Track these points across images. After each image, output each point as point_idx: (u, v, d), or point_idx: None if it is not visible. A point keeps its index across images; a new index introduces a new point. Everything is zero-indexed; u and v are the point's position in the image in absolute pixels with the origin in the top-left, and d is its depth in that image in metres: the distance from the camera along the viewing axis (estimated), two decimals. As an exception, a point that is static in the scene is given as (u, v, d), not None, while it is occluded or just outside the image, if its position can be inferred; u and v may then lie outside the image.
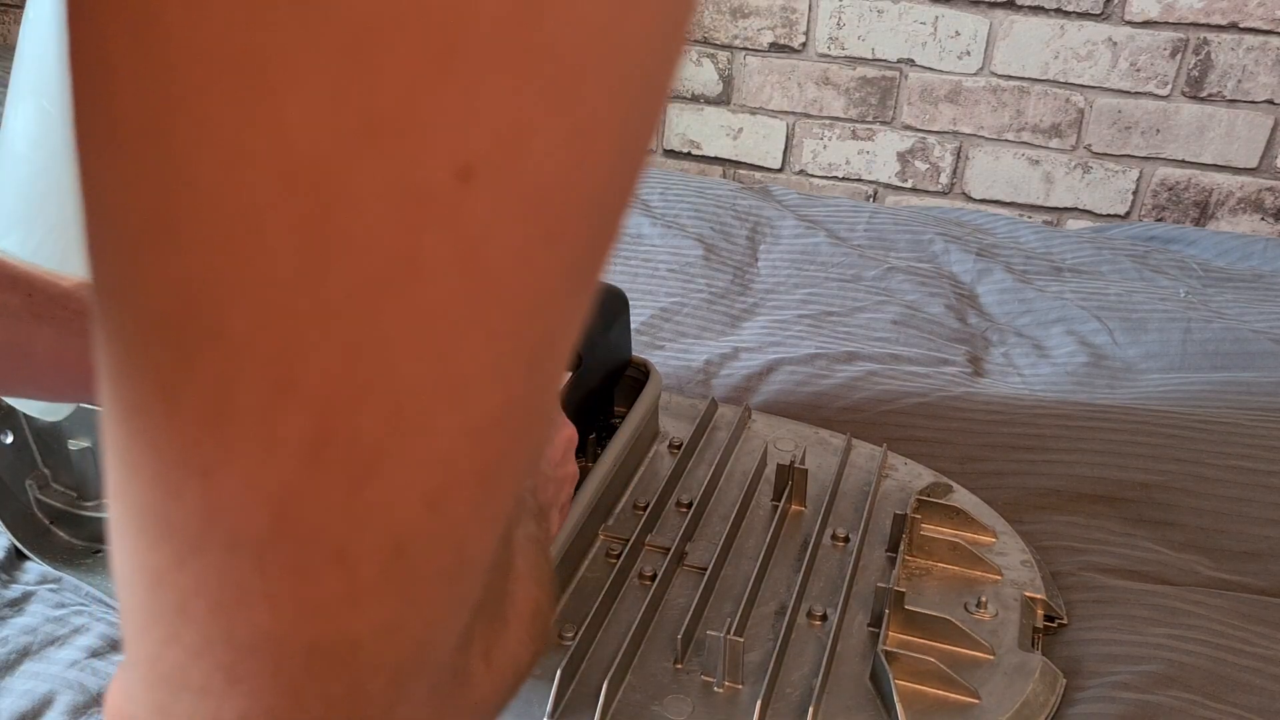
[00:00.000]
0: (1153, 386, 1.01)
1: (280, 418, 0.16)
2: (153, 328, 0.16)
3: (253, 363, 0.16)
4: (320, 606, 0.18)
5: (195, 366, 0.16)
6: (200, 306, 0.16)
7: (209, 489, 0.17)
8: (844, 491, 0.79)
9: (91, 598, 0.71)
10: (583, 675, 0.63)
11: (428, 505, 0.18)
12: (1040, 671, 0.64)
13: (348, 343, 0.16)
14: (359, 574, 0.18)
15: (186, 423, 0.17)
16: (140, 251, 0.16)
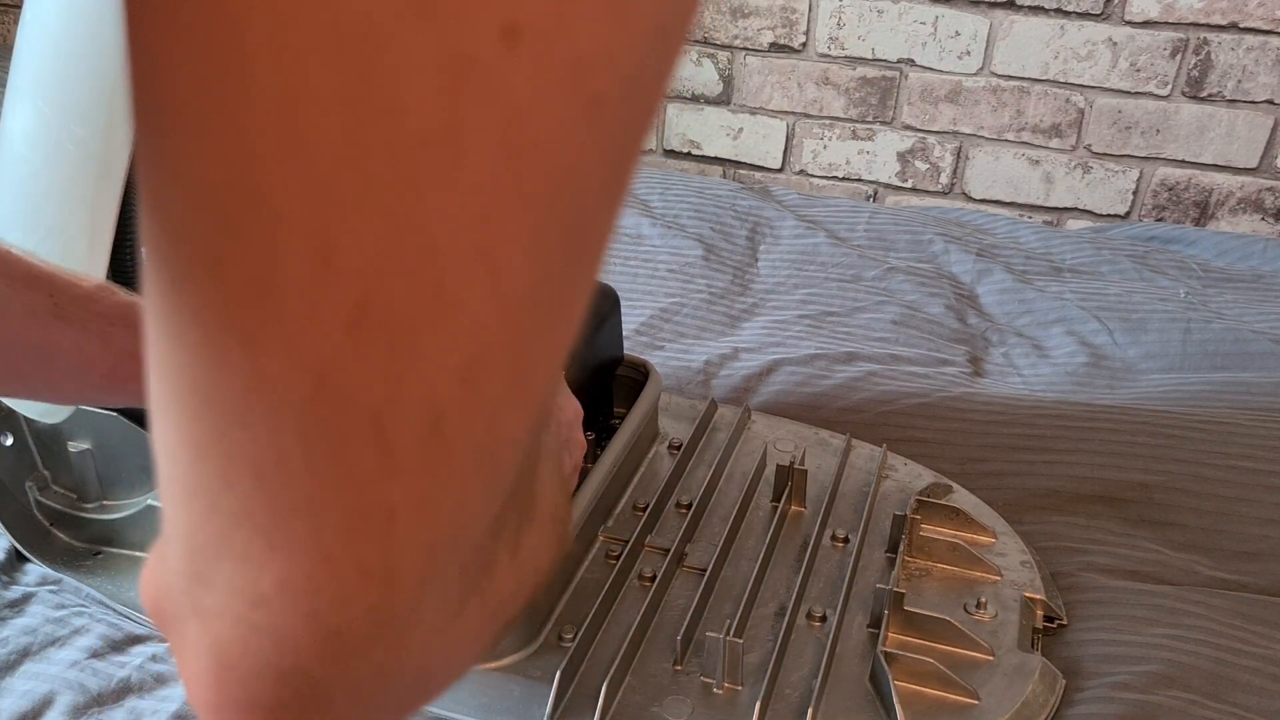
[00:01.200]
0: (1152, 387, 1.01)
1: (322, 287, 0.17)
2: (198, 195, 0.16)
3: (296, 231, 0.16)
4: (358, 475, 0.18)
5: (239, 235, 0.16)
6: (245, 173, 0.16)
7: (251, 357, 0.17)
8: (844, 492, 0.79)
9: (91, 599, 0.71)
10: (582, 676, 0.63)
11: (463, 379, 0.18)
12: (1040, 672, 0.64)
13: (388, 212, 0.16)
14: (396, 444, 0.18)
15: (230, 292, 0.17)
16: (187, 116, 0.16)
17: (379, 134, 0.15)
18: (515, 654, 0.64)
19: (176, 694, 0.63)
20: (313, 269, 0.16)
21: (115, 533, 0.74)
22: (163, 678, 0.64)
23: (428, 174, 0.16)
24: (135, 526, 0.73)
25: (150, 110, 0.16)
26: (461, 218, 0.17)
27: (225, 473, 0.19)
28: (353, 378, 0.17)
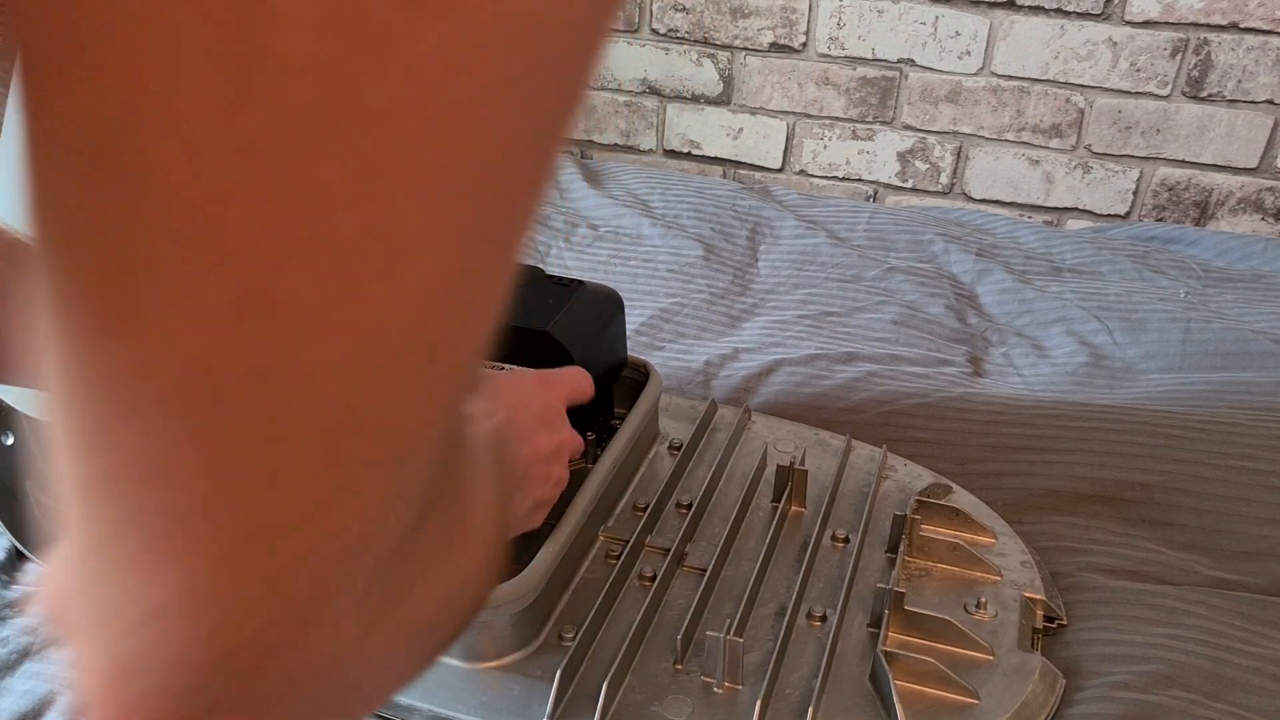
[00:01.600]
0: (1152, 386, 1.01)
1: (204, 268, 0.15)
2: (71, 161, 0.15)
3: (174, 205, 0.14)
4: (249, 480, 0.16)
5: (116, 206, 0.15)
6: (116, 140, 0.14)
7: (135, 341, 0.16)
8: (844, 492, 0.79)
9: (92, 599, 0.71)
10: (582, 676, 0.63)
11: (363, 379, 0.16)
12: (1040, 672, 0.64)
13: (275, 188, 0.14)
14: (289, 448, 0.16)
15: (110, 268, 0.15)
16: (56, 74, 0.14)
17: (260, 97, 0.14)
18: (515, 653, 0.64)
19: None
20: (193, 246, 0.15)
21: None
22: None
23: (319, 146, 0.14)
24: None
25: (23, 67, 0.15)
26: (360, 199, 0.15)
27: (113, 471, 0.17)
28: (240, 372, 0.16)
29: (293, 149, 0.14)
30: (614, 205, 1.39)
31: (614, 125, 1.68)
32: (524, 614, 0.63)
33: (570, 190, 1.45)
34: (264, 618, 0.18)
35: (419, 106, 0.14)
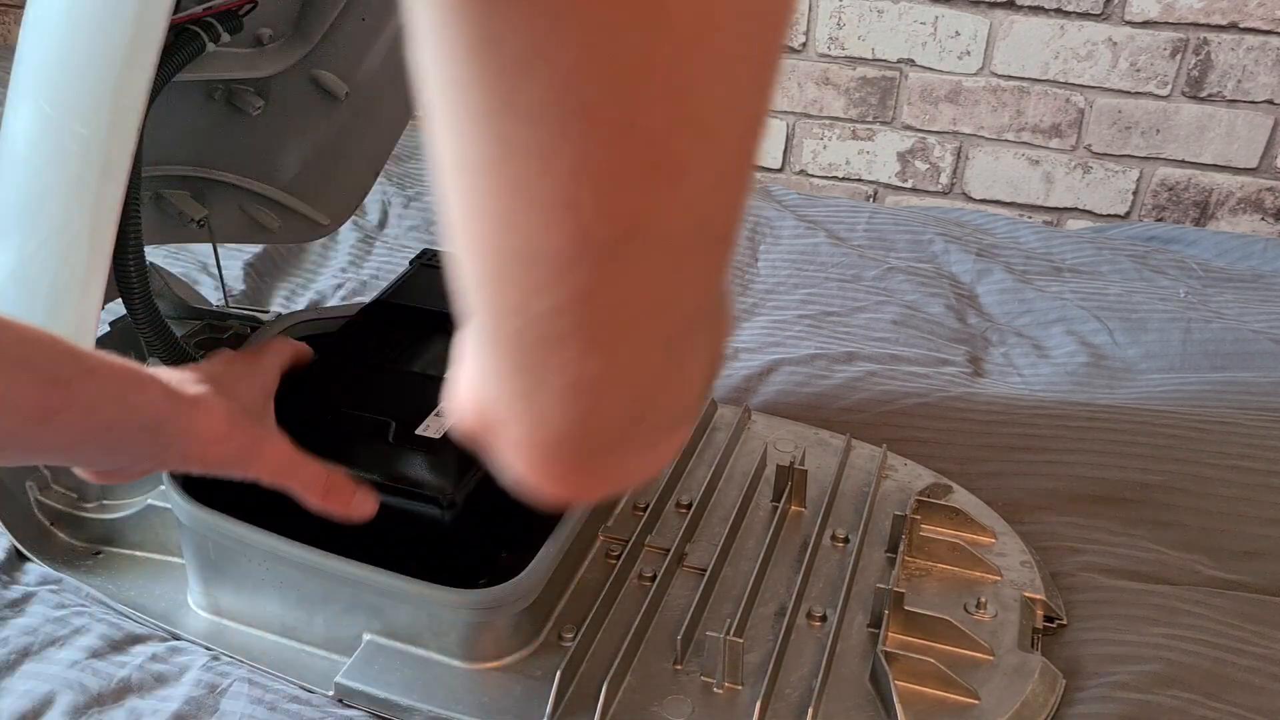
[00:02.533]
0: (1152, 386, 1.01)
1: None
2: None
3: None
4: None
5: None
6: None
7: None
8: (844, 492, 0.79)
9: (92, 599, 0.71)
10: (583, 676, 0.63)
11: (717, 181, 0.22)
12: (1040, 672, 0.64)
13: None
14: (691, 201, 0.22)
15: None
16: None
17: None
18: (515, 654, 0.64)
19: (176, 694, 0.63)
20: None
21: (115, 532, 0.74)
22: (163, 677, 0.64)
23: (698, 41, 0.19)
24: (135, 526, 0.74)
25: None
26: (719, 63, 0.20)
27: (549, 275, 0.22)
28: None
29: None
30: (614, 205, 1.39)
31: (614, 125, 1.68)
32: (524, 614, 0.63)
33: (570, 190, 1.45)
34: (656, 365, 0.24)
35: (746, 23, 0.20)
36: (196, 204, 0.83)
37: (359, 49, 0.83)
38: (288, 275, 1.20)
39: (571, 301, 0.22)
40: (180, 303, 0.85)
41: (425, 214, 1.36)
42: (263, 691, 0.63)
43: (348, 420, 0.64)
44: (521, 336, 0.23)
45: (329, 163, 0.88)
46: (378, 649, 0.64)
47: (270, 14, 0.77)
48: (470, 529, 0.63)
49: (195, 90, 0.78)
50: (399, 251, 1.27)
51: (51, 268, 0.60)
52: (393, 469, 0.62)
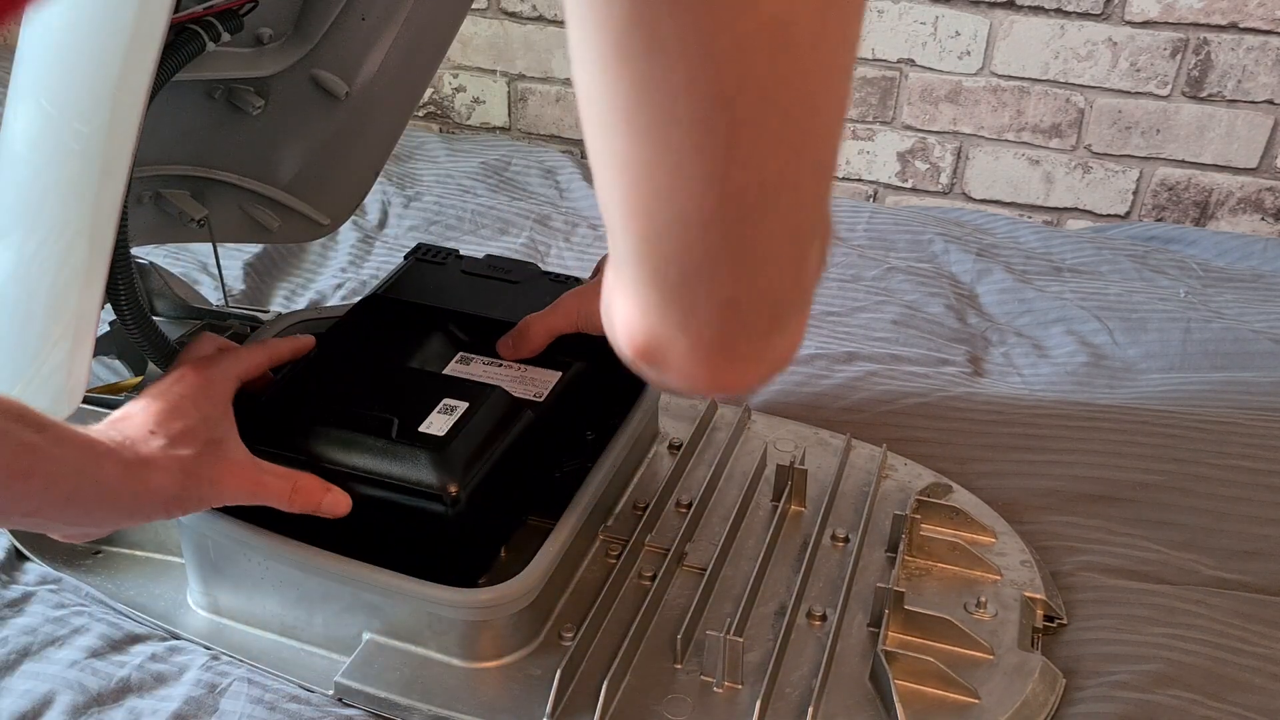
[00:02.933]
0: (1152, 386, 1.01)
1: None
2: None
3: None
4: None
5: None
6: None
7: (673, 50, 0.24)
8: (844, 492, 0.79)
9: (91, 598, 0.71)
10: (582, 675, 0.63)
11: (831, 131, 0.27)
12: (1040, 671, 0.64)
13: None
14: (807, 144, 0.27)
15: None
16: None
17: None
18: (515, 653, 0.64)
19: (176, 693, 0.63)
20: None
21: (115, 532, 0.74)
22: (162, 677, 0.64)
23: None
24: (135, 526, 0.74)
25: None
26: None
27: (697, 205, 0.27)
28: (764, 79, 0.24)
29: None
30: (614, 205, 1.38)
31: (614, 125, 1.68)
32: (524, 614, 0.63)
33: (570, 190, 1.45)
34: (787, 273, 0.30)
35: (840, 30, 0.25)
36: (196, 204, 0.83)
37: (359, 49, 0.83)
38: (288, 275, 1.20)
39: (721, 243, 0.28)
40: (180, 303, 0.85)
41: (425, 214, 1.36)
42: (262, 691, 0.63)
43: (349, 418, 0.64)
44: (680, 275, 0.29)
45: (329, 163, 0.87)
46: (377, 648, 0.64)
47: (270, 14, 0.77)
48: (473, 526, 0.62)
49: (195, 90, 0.78)
50: (398, 251, 1.27)
51: (51, 267, 0.60)
52: (396, 467, 0.62)
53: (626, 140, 0.26)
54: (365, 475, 0.62)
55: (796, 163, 0.27)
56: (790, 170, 0.27)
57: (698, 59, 0.24)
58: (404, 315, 0.76)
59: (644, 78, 0.24)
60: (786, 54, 0.24)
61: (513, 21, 1.67)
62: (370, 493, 0.62)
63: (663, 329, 0.31)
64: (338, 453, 0.63)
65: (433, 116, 1.78)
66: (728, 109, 0.24)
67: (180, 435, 0.58)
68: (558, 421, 0.70)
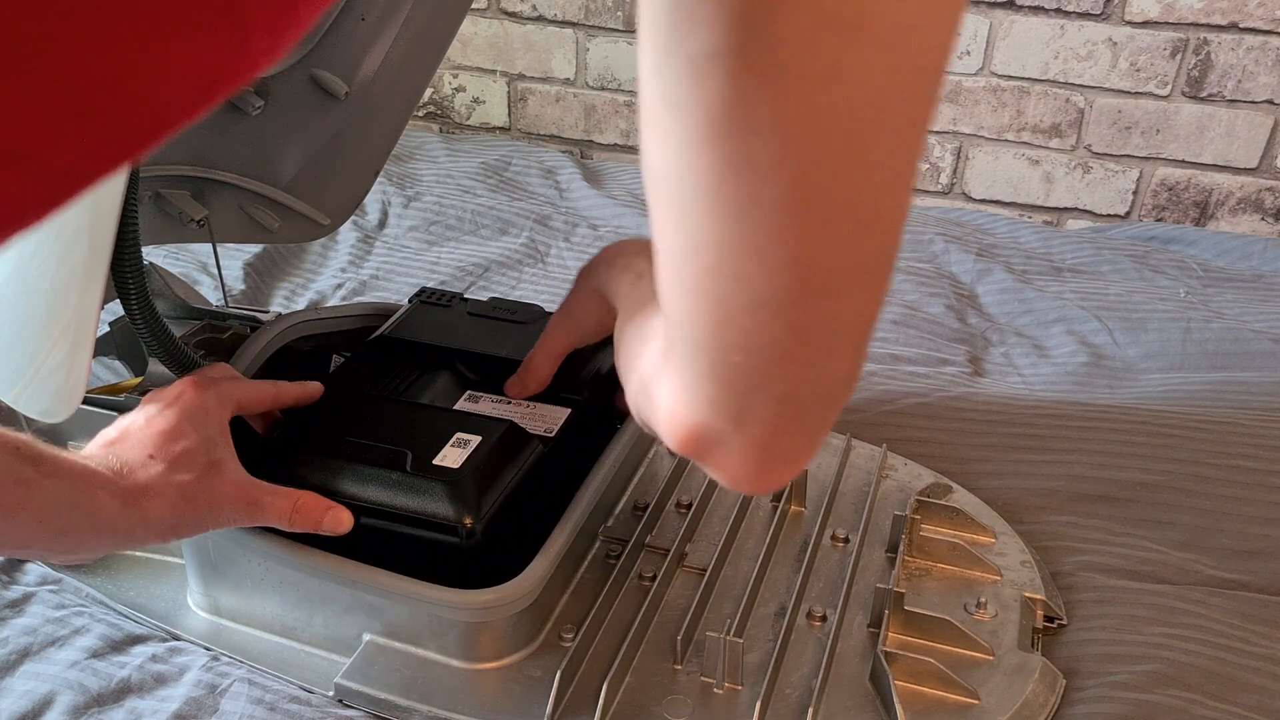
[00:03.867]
0: (1152, 386, 1.01)
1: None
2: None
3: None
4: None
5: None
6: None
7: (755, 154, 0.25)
8: (844, 492, 0.79)
9: (92, 599, 0.71)
10: (582, 676, 0.63)
11: (896, 230, 0.28)
12: (1040, 672, 0.64)
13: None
14: (862, 242, 0.28)
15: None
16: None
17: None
18: (515, 654, 0.64)
19: (176, 694, 0.63)
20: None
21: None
22: (162, 677, 0.64)
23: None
24: (134, 536, 0.73)
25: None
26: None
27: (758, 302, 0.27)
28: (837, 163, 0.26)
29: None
30: (614, 205, 1.39)
31: (614, 125, 1.68)
32: (524, 614, 0.63)
33: (570, 190, 1.45)
34: (847, 368, 0.30)
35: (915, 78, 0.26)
36: (196, 204, 0.83)
37: (359, 49, 0.83)
38: (288, 275, 1.20)
39: (789, 331, 0.28)
40: (180, 303, 0.85)
41: (425, 214, 1.36)
42: (262, 692, 0.63)
43: (363, 451, 0.64)
44: (743, 366, 0.29)
45: (329, 163, 0.87)
46: (377, 649, 0.64)
47: (270, 14, 0.77)
48: (487, 557, 0.62)
49: (195, 90, 0.77)
50: (399, 251, 1.27)
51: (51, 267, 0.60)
52: (411, 499, 0.62)
53: (706, 221, 0.26)
54: (380, 508, 0.62)
55: (869, 248, 0.27)
56: (863, 256, 0.27)
57: (789, 140, 0.24)
58: (411, 355, 0.77)
59: (734, 159, 0.25)
60: (868, 137, 0.25)
61: (513, 21, 1.67)
62: (385, 525, 0.62)
63: (716, 422, 0.31)
64: (352, 485, 0.63)
65: (433, 116, 1.78)
66: (810, 191, 0.25)
67: (179, 459, 0.58)
68: (568, 454, 0.71)
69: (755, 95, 0.24)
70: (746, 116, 0.24)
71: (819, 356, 0.29)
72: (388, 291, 1.17)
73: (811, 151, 0.25)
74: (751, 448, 0.31)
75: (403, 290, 1.16)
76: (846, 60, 0.24)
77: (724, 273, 0.27)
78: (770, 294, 0.27)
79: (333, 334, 0.84)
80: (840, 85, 0.24)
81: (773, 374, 0.29)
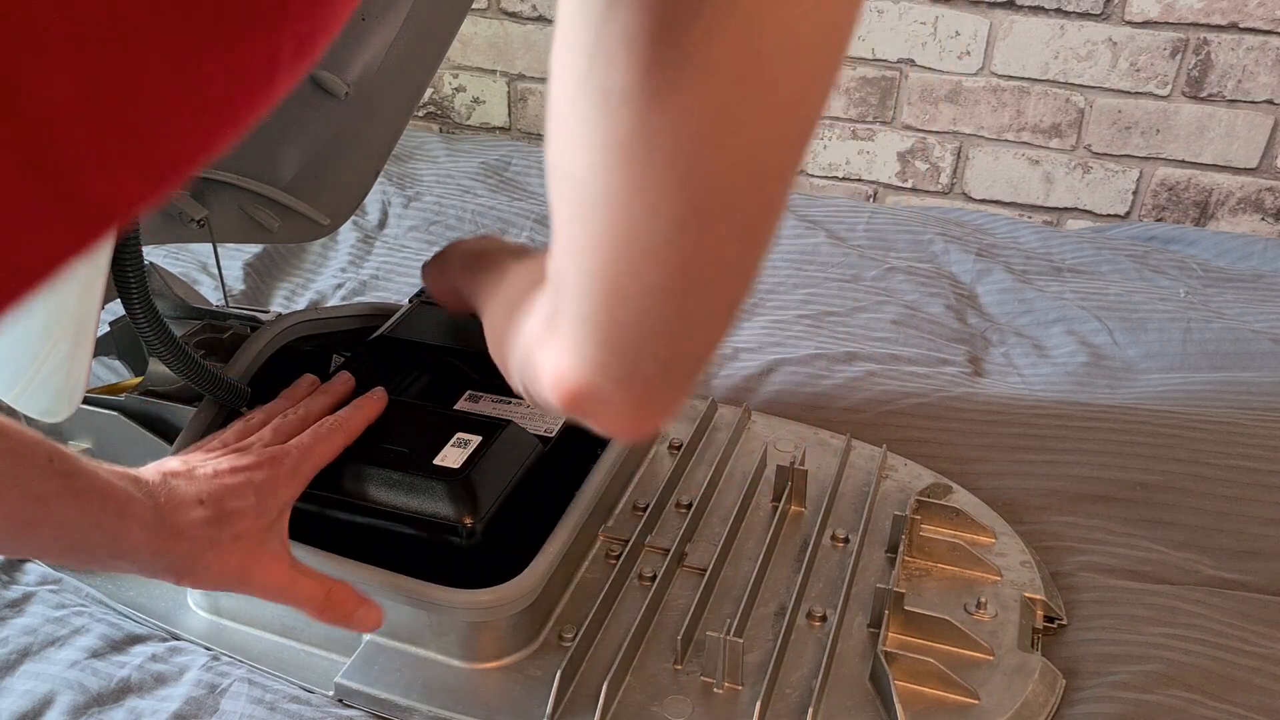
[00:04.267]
0: (1152, 386, 1.01)
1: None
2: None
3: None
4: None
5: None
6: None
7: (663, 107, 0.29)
8: (844, 492, 0.79)
9: (91, 599, 0.71)
10: (582, 676, 0.63)
11: (771, 234, 0.34)
12: (1040, 672, 0.64)
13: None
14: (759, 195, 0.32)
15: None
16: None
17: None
18: (515, 654, 0.64)
19: (176, 693, 0.63)
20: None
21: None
22: (162, 677, 0.64)
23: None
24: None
25: None
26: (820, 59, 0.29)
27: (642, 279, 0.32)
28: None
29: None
30: (614, 205, 1.38)
31: (614, 125, 1.68)
32: (524, 614, 0.63)
33: (570, 190, 1.45)
34: (718, 336, 0.36)
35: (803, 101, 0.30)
36: (196, 204, 0.83)
37: (359, 49, 0.83)
38: (288, 275, 1.20)
39: (674, 313, 0.33)
40: (180, 303, 0.85)
41: (425, 214, 1.36)
42: (263, 691, 0.63)
43: (363, 451, 0.64)
44: (633, 338, 0.34)
45: (329, 163, 0.87)
46: (378, 649, 0.64)
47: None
48: (488, 557, 0.62)
49: (195, 90, 0.77)
50: (399, 251, 1.27)
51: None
52: (412, 499, 0.62)
53: (608, 223, 0.31)
54: (380, 507, 0.62)
55: (746, 252, 0.33)
56: (741, 258, 0.33)
57: (687, 169, 0.29)
58: (411, 355, 0.77)
59: (638, 179, 0.29)
60: (754, 168, 0.30)
61: (513, 21, 1.67)
62: (385, 525, 0.62)
63: (601, 382, 0.36)
64: (352, 485, 0.63)
65: (433, 116, 1.78)
66: (702, 209, 0.30)
67: (227, 517, 0.56)
68: (568, 454, 0.71)
69: (660, 130, 0.28)
70: (651, 146, 0.29)
71: (697, 332, 0.34)
72: (388, 292, 1.17)
73: (706, 178, 0.29)
74: (632, 403, 0.36)
75: (403, 290, 1.16)
76: (739, 108, 0.28)
77: (621, 265, 0.32)
78: (661, 284, 0.32)
79: (333, 334, 0.84)
80: (732, 127, 0.29)
81: (656, 345, 0.34)
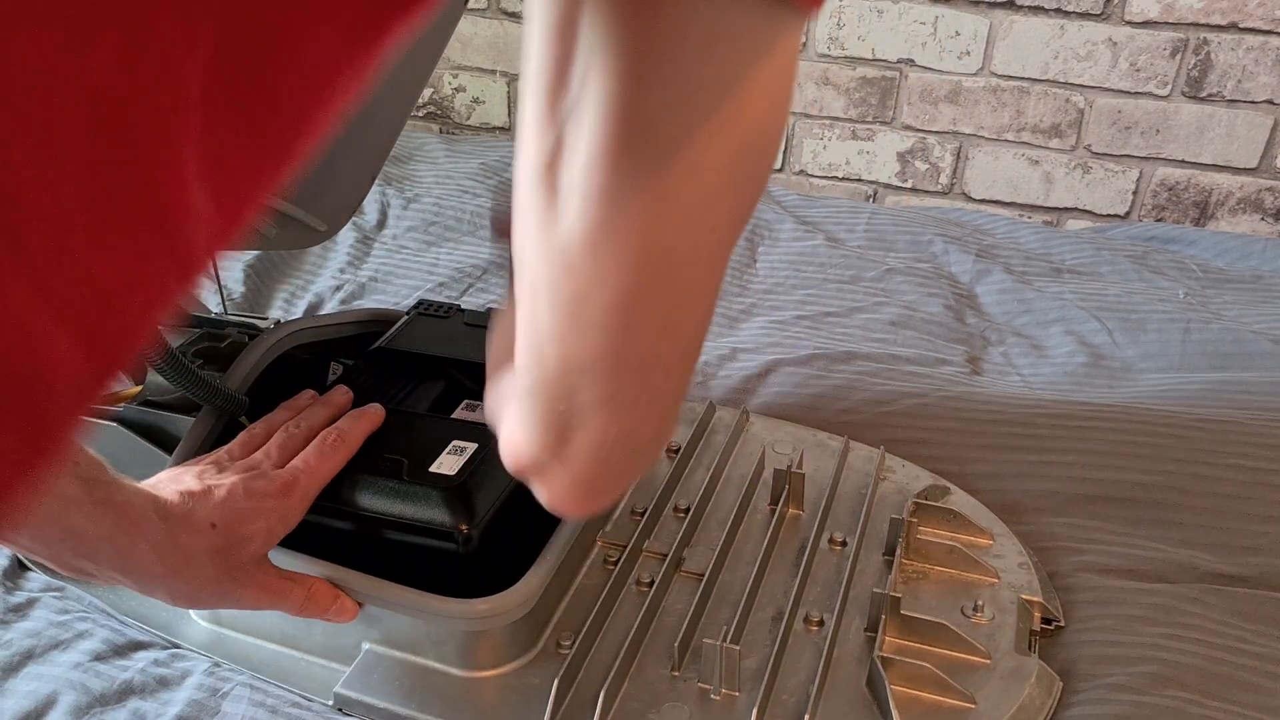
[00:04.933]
0: (1152, 386, 1.01)
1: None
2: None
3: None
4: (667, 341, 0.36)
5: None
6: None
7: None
8: (842, 494, 0.79)
9: (94, 606, 0.71)
10: (580, 683, 0.63)
11: (701, 330, 0.36)
12: (1037, 675, 0.64)
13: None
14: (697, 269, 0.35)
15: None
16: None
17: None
18: (513, 662, 0.64)
19: (178, 696, 0.63)
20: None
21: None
22: (165, 680, 0.64)
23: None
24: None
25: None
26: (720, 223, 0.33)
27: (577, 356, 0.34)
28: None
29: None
30: (613, 206, 1.38)
31: (614, 126, 1.68)
32: (522, 622, 0.63)
33: (570, 191, 1.45)
34: (656, 423, 0.37)
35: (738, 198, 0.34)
36: (195, 210, 0.83)
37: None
38: (287, 277, 1.21)
39: (603, 396, 0.35)
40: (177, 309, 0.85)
41: (424, 215, 1.36)
42: (264, 696, 0.63)
43: (360, 459, 0.65)
44: (567, 415, 0.35)
45: (325, 168, 0.88)
46: (376, 658, 0.64)
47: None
48: (484, 564, 0.63)
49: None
50: (398, 253, 1.27)
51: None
52: (408, 506, 0.62)
53: (550, 312, 0.33)
54: (376, 515, 0.62)
55: (676, 349, 0.35)
56: (671, 354, 0.35)
57: (625, 284, 0.32)
58: (409, 365, 0.77)
59: (580, 290, 0.32)
60: (683, 281, 0.33)
61: (513, 21, 1.67)
62: (382, 532, 0.62)
63: (544, 458, 0.38)
64: (349, 493, 0.63)
65: (432, 117, 1.78)
66: (630, 309, 0.33)
67: (236, 543, 0.58)
68: None
69: (602, 257, 0.32)
70: (594, 266, 0.32)
71: (630, 420, 0.36)
72: (387, 293, 1.17)
73: (642, 291, 0.33)
74: (570, 480, 0.38)
75: (402, 291, 1.17)
76: (672, 239, 0.32)
77: (556, 347, 0.34)
78: (589, 366, 0.34)
79: (331, 341, 0.85)
80: (663, 254, 0.32)
81: (589, 428, 0.36)
